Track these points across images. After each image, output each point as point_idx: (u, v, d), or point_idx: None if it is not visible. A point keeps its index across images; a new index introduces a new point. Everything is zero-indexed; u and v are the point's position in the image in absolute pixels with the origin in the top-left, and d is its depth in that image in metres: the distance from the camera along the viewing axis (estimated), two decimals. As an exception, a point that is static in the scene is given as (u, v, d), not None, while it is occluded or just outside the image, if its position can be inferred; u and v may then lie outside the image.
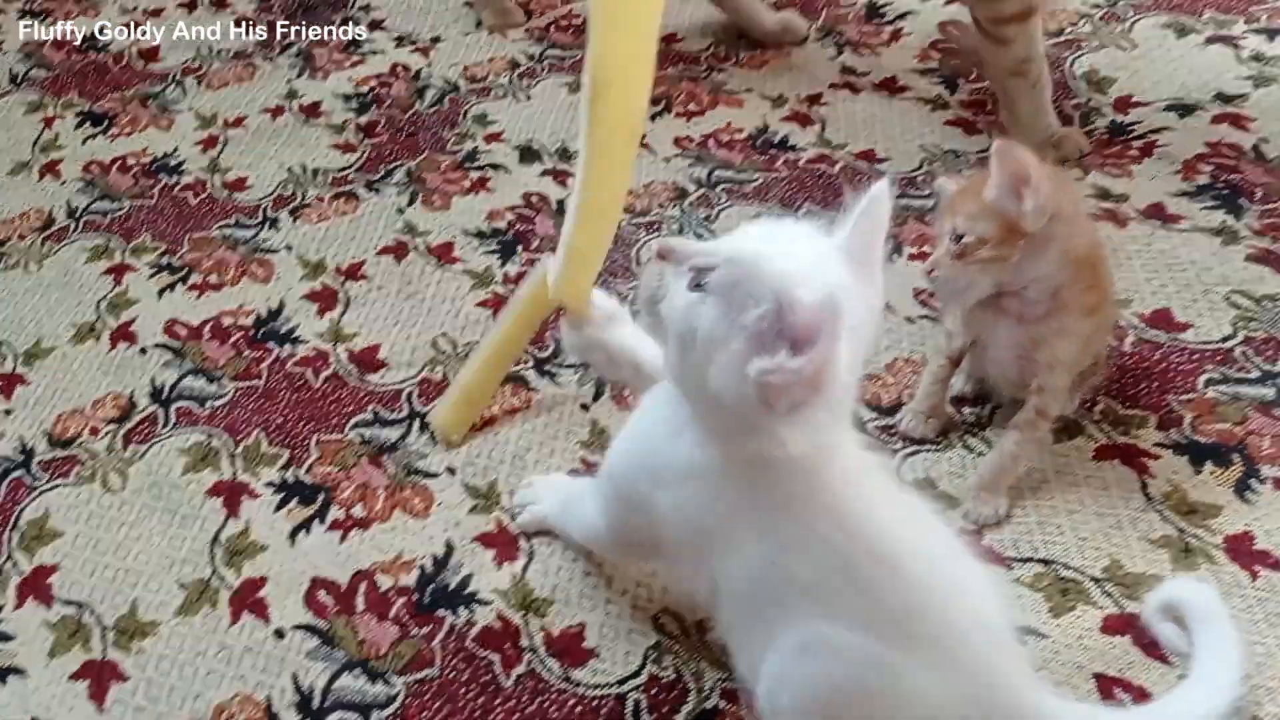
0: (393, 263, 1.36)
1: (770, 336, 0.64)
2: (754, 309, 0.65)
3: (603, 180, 0.98)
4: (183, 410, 1.21)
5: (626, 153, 1.00)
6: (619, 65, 0.95)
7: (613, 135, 0.97)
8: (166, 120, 1.65)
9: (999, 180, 0.93)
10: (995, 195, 0.93)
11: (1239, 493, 0.99)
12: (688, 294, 0.70)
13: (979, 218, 0.94)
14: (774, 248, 0.69)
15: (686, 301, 0.70)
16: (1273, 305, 1.14)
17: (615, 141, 0.98)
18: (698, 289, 0.69)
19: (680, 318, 0.70)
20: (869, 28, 1.66)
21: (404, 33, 1.80)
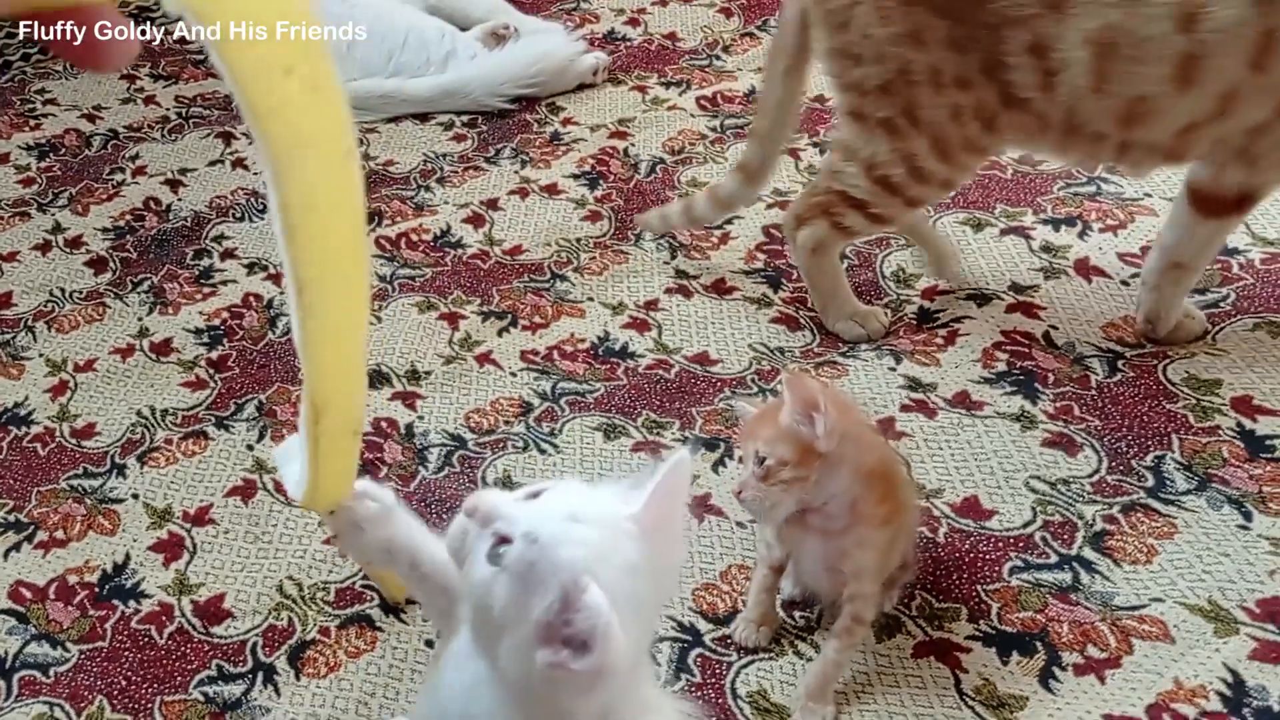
0: (240, 504, 1.39)
1: (556, 629, 0.67)
2: (541, 599, 0.68)
3: (334, 353, 0.79)
4: (26, 680, 1.21)
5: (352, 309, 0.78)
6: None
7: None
8: (16, 369, 1.67)
9: (792, 406, 1.00)
10: (789, 420, 1.01)
11: (1043, 682, 1.05)
12: (486, 564, 0.72)
13: (777, 441, 1.01)
14: (569, 527, 0.71)
15: (484, 574, 0.72)
16: (1066, 489, 1.23)
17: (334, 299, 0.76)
18: (496, 560, 0.72)
19: (479, 589, 0.73)
20: (699, 232, 1.76)
21: (255, 258, 1.86)
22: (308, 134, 0.66)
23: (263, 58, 0.61)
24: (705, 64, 2.25)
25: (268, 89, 0.62)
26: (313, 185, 0.68)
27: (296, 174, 0.66)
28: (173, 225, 1.97)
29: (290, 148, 0.65)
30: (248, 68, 0.61)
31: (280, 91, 0.63)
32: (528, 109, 2.19)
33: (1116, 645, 1.07)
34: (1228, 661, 1.03)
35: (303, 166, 0.66)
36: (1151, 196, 1.63)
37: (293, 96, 0.64)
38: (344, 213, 0.71)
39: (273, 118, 0.64)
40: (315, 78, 0.65)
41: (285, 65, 0.63)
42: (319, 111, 0.66)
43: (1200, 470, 1.22)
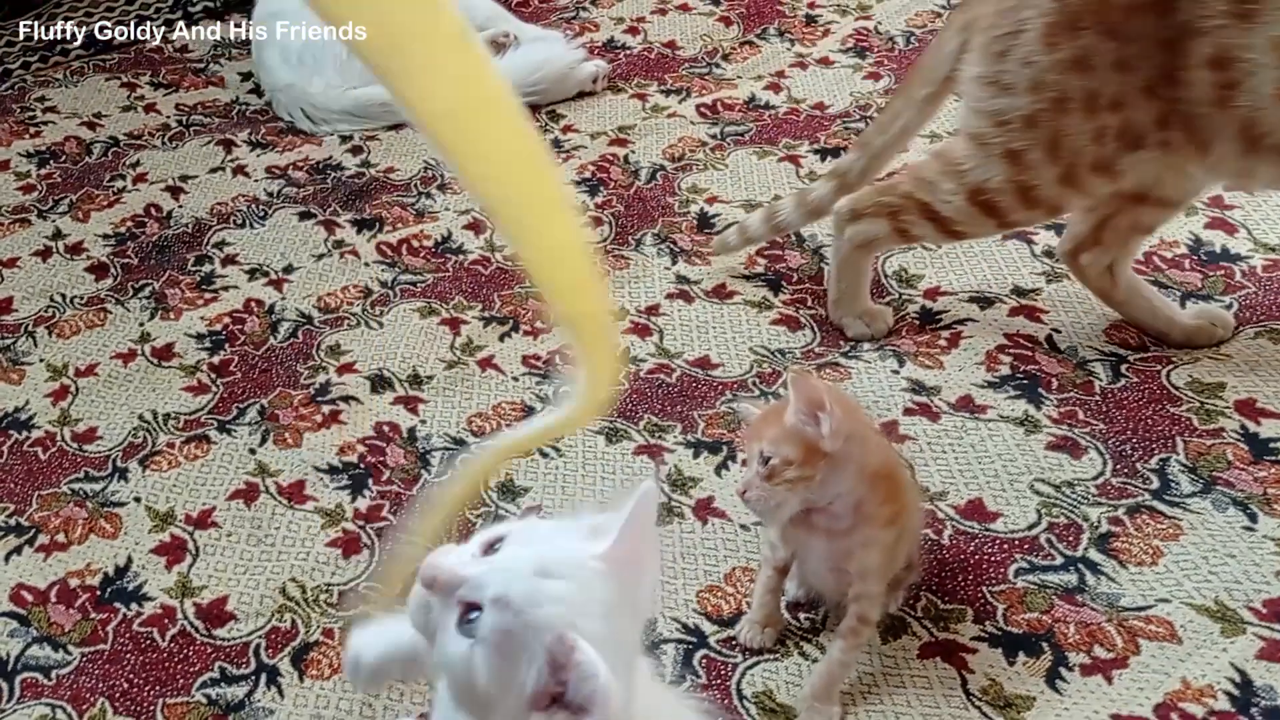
0: (243, 507, 1.38)
1: (550, 695, 0.65)
2: (527, 667, 0.65)
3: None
4: (28, 682, 1.20)
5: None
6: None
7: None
8: (17, 374, 1.67)
9: (797, 406, 1.00)
10: (794, 419, 1.01)
11: (1050, 683, 1.05)
12: (459, 637, 0.68)
13: (782, 441, 1.01)
14: (540, 584, 0.68)
15: (459, 648, 0.68)
16: (1071, 492, 1.23)
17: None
18: (469, 632, 0.68)
19: (457, 665, 0.68)
20: (700, 237, 1.76)
21: (256, 264, 1.86)
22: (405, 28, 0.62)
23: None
24: (705, 72, 2.25)
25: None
26: (440, 84, 0.63)
27: (417, 79, 0.62)
28: (174, 232, 1.97)
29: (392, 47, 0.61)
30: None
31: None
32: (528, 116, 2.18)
33: (1123, 646, 1.07)
34: (1235, 661, 1.03)
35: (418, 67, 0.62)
36: (1152, 202, 1.63)
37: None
38: (492, 106, 0.68)
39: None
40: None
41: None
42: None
43: (1205, 473, 1.22)
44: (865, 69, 2.15)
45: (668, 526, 1.28)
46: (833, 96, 2.09)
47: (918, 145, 1.70)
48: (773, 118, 2.05)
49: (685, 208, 1.84)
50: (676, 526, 1.28)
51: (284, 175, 2.11)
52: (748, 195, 1.84)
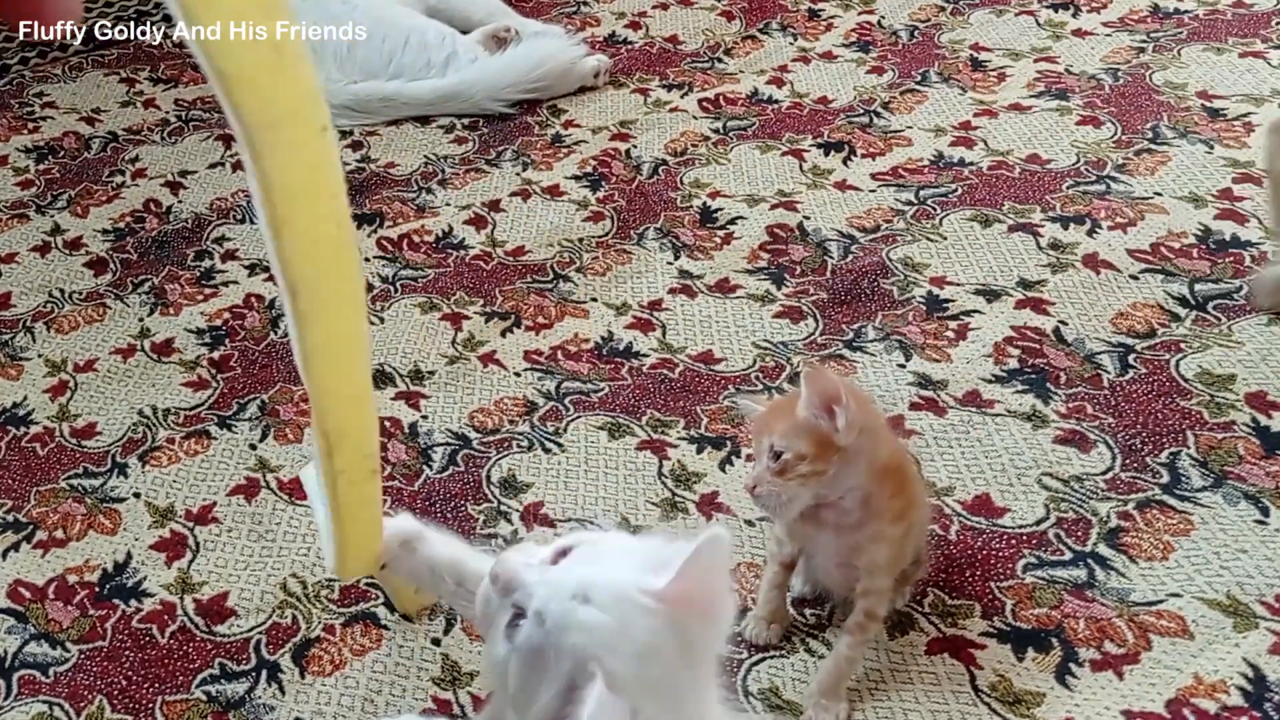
0: (244, 502, 1.37)
1: (560, 717, 0.64)
2: (547, 687, 0.65)
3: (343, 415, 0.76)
4: (25, 679, 1.19)
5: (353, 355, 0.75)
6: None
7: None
8: (15, 369, 1.65)
9: (810, 399, 0.99)
10: (807, 413, 0.99)
11: (1060, 678, 1.04)
12: (503, 640, 0.69)
13: (795, 435, 0.99)
14: (576, 610, 0.67)
15: (500, 650, 0.69)
16: (1080, 486, 1.21)
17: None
18: (510, 637, 0.68)
19: (497, 665, 0.70)
20: (703, 232, 1.75)
21: (256, 259, 1.84)
22: (282, 106, 0.63)
23: (238, 31, 0.59)
24: (707, 66, 2.24)
25: (234, 54, 0.59)
26: (293, 166, 0.64)
27: (275, 151, 0.63)
28: (173, 227, 1.96)
29: (263, 122, 0.62)
30: (223, 46, 0.59)
31: (249, 57, 0.60)
32: (529, 111, 2.18)
33: (1134, 641, 1.05)
34: (1248, 656, 1.02)
35: (279, 142, 0.63)
36: (1162, 195, 1.62)
37: (262, 62, 0.60)
38: (328, 198, 0.67)
39: (240, 85, 0.60)
40: (284, 45, 0.61)
41: (254, 31, 0.60)
42: (292, 81, 0.63)
43: (1216, 467, 1.21)
44: (869, 63, 2.14)
45: (671, 522, 1.26)
46: (836, 91, 2.07)
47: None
48: (776, 112, 2.04)
49: (688, 202, 1.83)
50: (681, 522, 1.26)
51: (284, 170, 2.08)
52: (751, 190, 1.83)
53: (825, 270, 1.62)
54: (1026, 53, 2.05)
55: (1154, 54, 1.97)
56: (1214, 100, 1.81)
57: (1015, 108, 1.90)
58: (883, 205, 1.73)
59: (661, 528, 1.26)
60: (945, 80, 2.03)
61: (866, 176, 1.81)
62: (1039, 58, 2.03)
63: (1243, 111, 1.76)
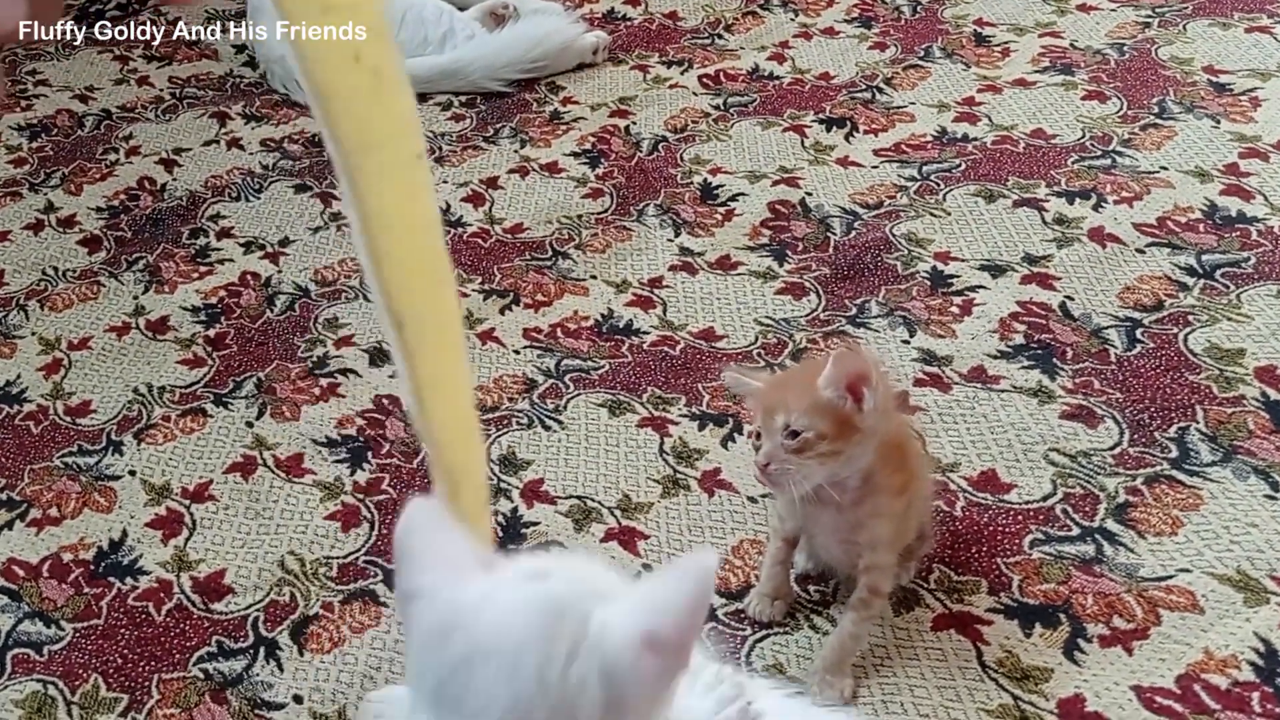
0: (240, 480, 1.35)
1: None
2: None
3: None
4: (19, 658, 1.17)
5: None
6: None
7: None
8: (8, 347, 1.63)
9: (834, 379, 0.97)
10: (831, 393, 0.97)
11: (1068, 654, 1.02)
12: None
13: (815, 414, 0.97)
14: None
15: None
16: (1087, 462, 1.20)
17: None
18: None
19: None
20: (704, 209, 1.73)
21: (252, 237, 1.82)
22: (380, 129, 0.62)
23: (330, 42, 0.58)
24: (707, 43, 2.22)
25: (333, 71, 0.59)
26: (392, 189, 0.62)
27: (375, 175, 0.61)
28: (168, 205, 1.94)
29: (362, 144, 0.61)
30: (313, 50, 0.58)
31: (348, 77, 0.59)
32: (527, 88, 2.16)
33: (1143, 616, 1.04)
34: (1259, 631, 1.01)
35: (378, 165, 0.61)
36: (1168, 170, 1.60)
37: (362, 83, 0.60)
38: (427, 225, 0.65)
39: (339, 103, 0.59)
40: (383, 68, 0.61)
41: (353, 51, 0.60)
42: (390, 104, 0.62)
43: (1225, 441, 1.20)
44: (871, 39, 2.12)
45: (674, 499, 1.25)
46: (838, 67, 2.05)
47: None
48: (777, 88, 2.02)
49: (688, 179, 1.81)
50: (682, 499, 1.25)
51: (279, 148, 2.07)
52: (752, 166, 1.81)
53: (828, 246, 1.60)
54: (1031, 28, 2.03)
55: (1159, 29, 1.95)
56: (1220, 75, 1.79)
57: (1020, 83, 1.88)
58: (886, 181, 1.71)
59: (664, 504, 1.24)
60: (949, 56, 2.01)
61: (869, 152, 1.79)
62: (1043, 33, 2.01)
63: (1249, 86, 1.75)
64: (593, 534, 1.22)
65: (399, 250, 0.63)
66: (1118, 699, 0.97)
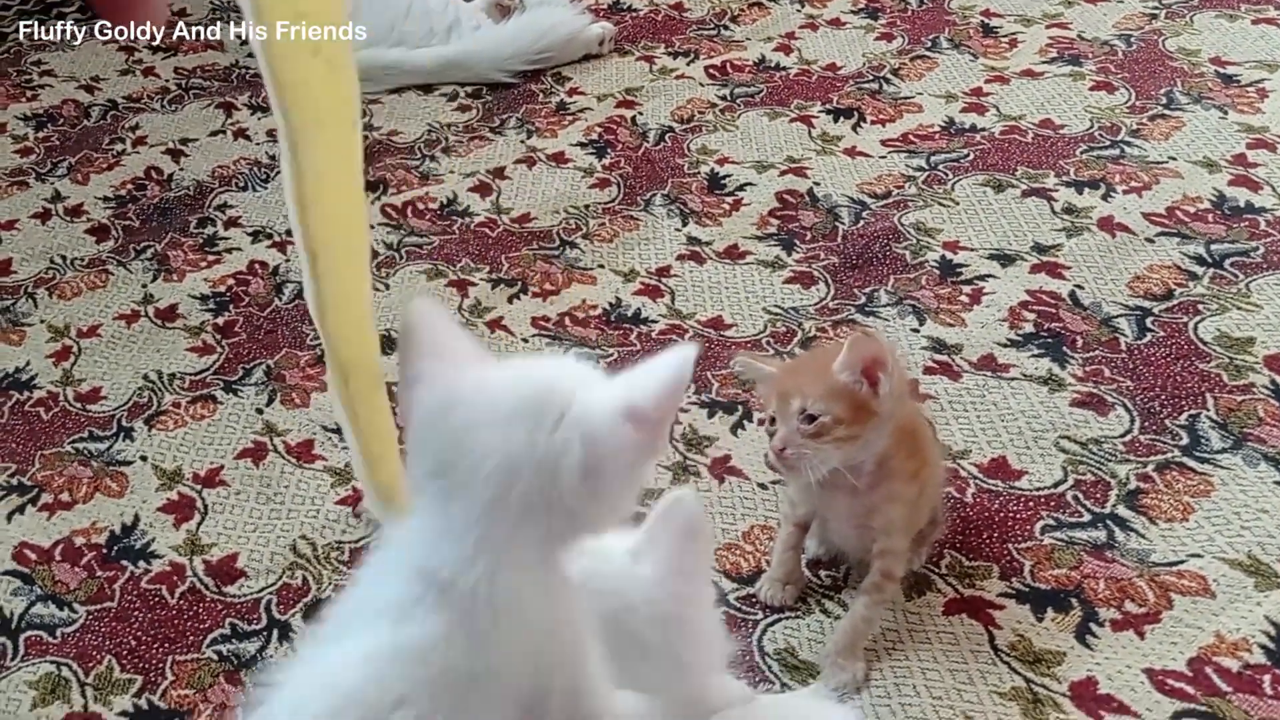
0: (251, 465, 1.36)
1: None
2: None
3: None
4: (32, 640, 1.18)
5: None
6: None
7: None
8: (17, 335, 1.64)
9: (850, 363, 0.97)
10: (847, 377, 0.97)
11: (1080, 638, 1.03)
12: None
13: (831, 398, 0.97)
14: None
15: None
16: (1098, 449, 1.20)
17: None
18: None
19: None
20: (711, 198, 1.74)
21: (259, 226, 1.83)
22: (326, 108, 0.75)
23: (295, 42, 0.71)
24: (713, 33, 2.22)
25: (294, 67, 0.72)
26: (327, 156, 0.76)
27: (314, 145, 0.74)
28: (175, 194, 1.94)
29: (309, 121, 0.73)
30: (279, 50, 0.71)
31: (305, 70, 0.73)
32: (533, 79, 2.16)
33: (1155, 600, 1.04)
34: (1270, 615, 1.01)
35: (319, 138, 0.74)
36: (1176, 160, 1.61)
37: (316, 73, 0.73)
38: (351, 179, 0.81)
39: (296, 91, 0.72)
40: (336, 57, 0.74)
41: (313, 48, 0.73)
42: (336, 87, 0.76)
43: (1236, 429, 1.20)
44: (878, 30, 2.12)
45: (684, 486, 1.25)
46: (845, 57, 2.06)
47: None
48: (784, 79, 2.02)
49: (695, 169, 1.81)
50: (692, 486, 1.25)
51: (287, 137, 2.07)
52: (759, 156, 1.81)
53: (836, 236, 1.60)
54: (1038, 19, 2.04)
55: (1166, 20, 1.95)
56: (1227, 66, 1.79)
57: (1027, 74, 1.88)
58: (894, 171, 1.72)
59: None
60: (956, 46, 2.01)
61: (877, 143, 1.79)
62: (1051, 24, 2.01)
63: (1256, 78, 1.75)
64: (604, 520, 1.22)
65: (327, 200, 0.76)
66: (1129, 682, 0.98)
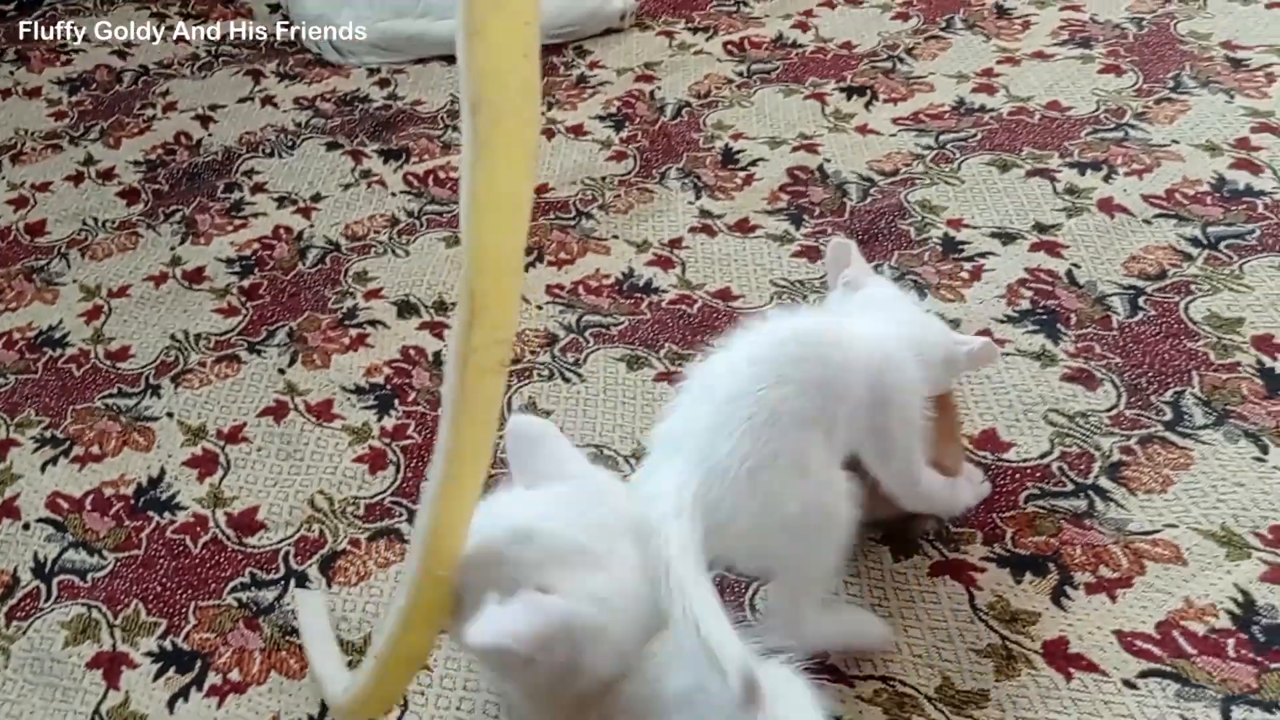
0: (273, 423, 1.42)
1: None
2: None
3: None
4: (64, 584, 1.24)
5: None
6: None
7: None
8: (51, 294, 1.70)
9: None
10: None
11: (1055, 600, 1.07)
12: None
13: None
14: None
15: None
16: (1085, 422, 1.25)
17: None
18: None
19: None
20: (724, 173, 1.78)
21: (285, 192, 1.88)
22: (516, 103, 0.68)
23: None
24: (733, 9, 2.25)
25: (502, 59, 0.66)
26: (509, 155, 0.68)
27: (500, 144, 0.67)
28: (204, 159, 2.00)
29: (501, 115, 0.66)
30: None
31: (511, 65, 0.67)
32: (554, 52, 2.20)
33: (1128, 566, 1.09)
34: (1238, 582, 1.05)
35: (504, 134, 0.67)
36: (1179, 143, 1.63)
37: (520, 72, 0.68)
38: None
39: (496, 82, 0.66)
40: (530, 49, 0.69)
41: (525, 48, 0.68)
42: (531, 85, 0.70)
43: (1219, 406, 1.24)
44: (894, 9, 2.15)
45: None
46: (860, 36, 2.08)
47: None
48: (800, 56, 2.05)
49: (710, 144, 1.85)
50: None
51: (312, 106, 2.13)
52: (773, 132, 1.85)
53: (844, 211, 1.64)
54: (1051, 0, 2.06)
55: (1180, 3, 1.97)
56: (1237, 51, 1.81)
57: (1038, 55, 1.91)
58: (903, 149, 1.75)
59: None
60: (970, 27, 2.04)
61: (887, 121, 1.83)
62: (1064, 6, 2.03)
63: (1266, 62, 1.77)
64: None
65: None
66: (1099, 642, 1.02)
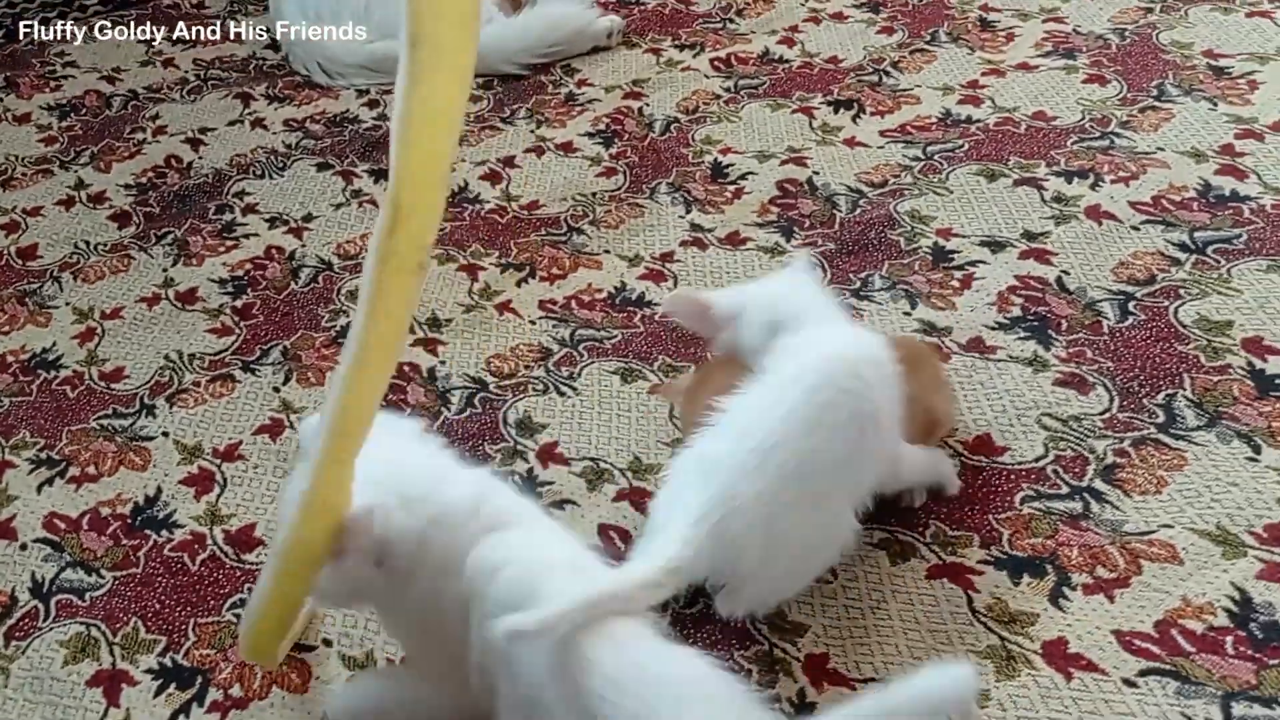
0: (269, 441, 1.42)
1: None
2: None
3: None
4: (63, 603, 1.24)
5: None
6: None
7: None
8: (44, 317, 1.70)
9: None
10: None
11: (1053, 600, 1.08)
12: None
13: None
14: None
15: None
16: (1078, 425, 1.25)
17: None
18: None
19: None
20: (714, 187, 1.79)
21: (276, 213, 1.89)
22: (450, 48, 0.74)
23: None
24: (719, 27, 2.27)
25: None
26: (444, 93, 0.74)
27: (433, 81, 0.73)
28: (194, 182, 2.01)
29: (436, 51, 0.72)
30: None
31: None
32: (542, 70, 2.22)
33: (1125, 567, 1.10)
34: (1235, 580, 1.06)
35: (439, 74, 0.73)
36: (1165, 150, 1.65)
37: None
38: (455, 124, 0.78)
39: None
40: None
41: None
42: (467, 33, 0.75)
43: (1211, 407, 1.25)
44: (879, 23, 2.17)
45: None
46: (846, 50, 2.10)
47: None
48: (786, 71, 2.07)
49: (699, 158, 1.86)
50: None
51: (302, 128, 2.13)
52: (762, 146, 1.87)
53: (834, 223, 1.65)
54: (1035, 13, 2.08)
55: (1162, 14, 2.00)
56: (1219, 59, 1.84)
57: (1023, 67, 1.93)
58: (891, 161, 1.77)
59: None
60: (954, 40, 2.06)
61: (875, 133, 1.84)
62: (1047, 18, 2.06)
63: (1247, 70, 1.79)
64: (604, 494, 1.28)
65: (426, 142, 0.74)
66: (1098, 641, 1.03)
